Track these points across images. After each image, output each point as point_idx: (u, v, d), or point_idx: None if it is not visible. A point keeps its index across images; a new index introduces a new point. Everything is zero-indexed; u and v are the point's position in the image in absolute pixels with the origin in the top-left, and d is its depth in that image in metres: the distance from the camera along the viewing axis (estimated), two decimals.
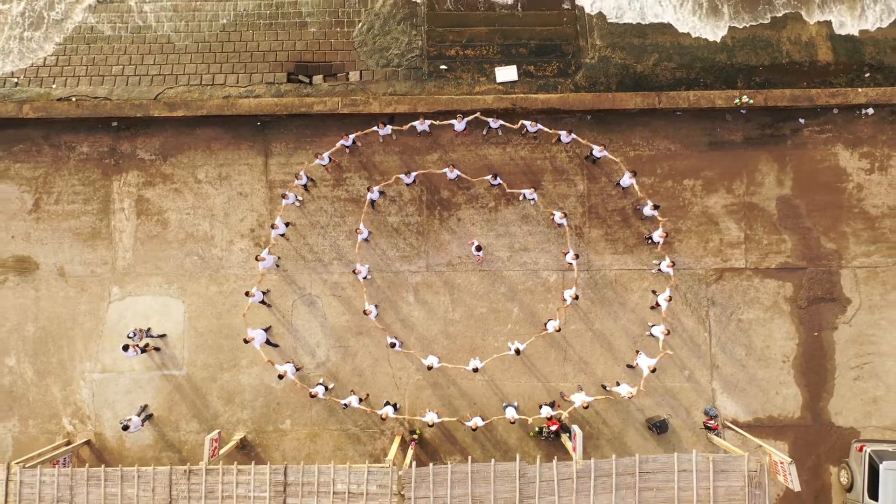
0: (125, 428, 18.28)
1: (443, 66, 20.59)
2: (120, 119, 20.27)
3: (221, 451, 17.91)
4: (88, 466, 17.23)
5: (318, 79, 20.60)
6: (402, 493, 16.28)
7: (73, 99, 20.47)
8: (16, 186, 20.39)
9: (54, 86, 20.68)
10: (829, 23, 20.53)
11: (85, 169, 20.39)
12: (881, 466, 17.96)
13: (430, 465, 16.40)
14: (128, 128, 20.41)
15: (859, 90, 19.78)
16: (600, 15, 20.76)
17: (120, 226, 20.22)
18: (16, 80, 20.76)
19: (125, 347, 18.54)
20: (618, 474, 16.25)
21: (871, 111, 20.04)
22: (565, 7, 20.77)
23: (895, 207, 19.93)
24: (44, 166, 20.40)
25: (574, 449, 17.07)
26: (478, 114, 19.06)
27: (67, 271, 20.15)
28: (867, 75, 20.22)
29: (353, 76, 20.61)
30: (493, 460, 16.30)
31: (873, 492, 18.06)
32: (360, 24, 20.95)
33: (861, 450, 18.64)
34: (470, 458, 16.65)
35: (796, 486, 15.71)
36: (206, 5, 21.10)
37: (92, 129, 20.41)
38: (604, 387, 19.09)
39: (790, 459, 15.86)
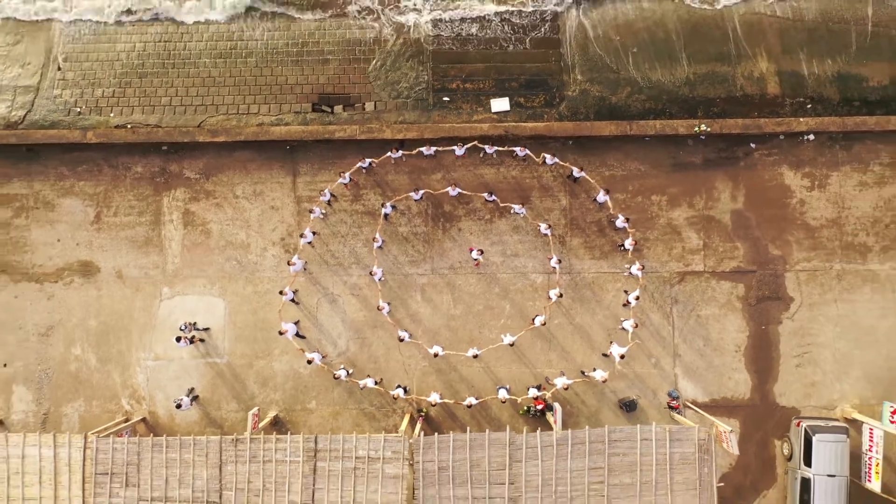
0: (178, 406, 21.76)
1: (445, 98, 24.00)
2: (169, 143, 23.67)
3: (260, 426, 21.34)
4: (152, 436, 20.66)
5: (338, 108, 24.02)
6: (412, 457, 19.69)
7: (129, 126, 23.92)
8: (80, 201, 23.82)
9: (112, 114, 24.12)
10: (772, 52, 23.87)
11: (139, 186, 23.81)
12: (814, 438, 21.37)
13: (436, 434, 19.83)
14: (176, 151, 23.82)
15: (801, 119, 23.20)
16: (582, 53, 24.12)
17: (169, 235, 23.65)
18: (78, 109, 24.18)
19: (178, 339, 21.95)
20: (590, 442, 19.65)
21: (811, 137, 23.43)
22: (551, 49, 24.17)
23: (832, 220, 23.33)
24: (104, 184, 23.82)
25: (555, 422, 20.50)
26: (475, 142, 22.48)
27: (124, 274, 23.58)
28: (808, 106, 23.61)
29: (369, 106, 24.02)
30: (487, 430, 19.72)
31: (808, 459, 21.48)
32: (375, 61, 24.35)
33: (799, 425, 22.07)
34: (468, 428, 20.07)
35: (735, 451, 19.16)
36: (241, 44, 24.48)
37: (145, 152, 23.83)
38: (582, 372, 22.49)
39: (730, 428, 19.32)
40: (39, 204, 23.84)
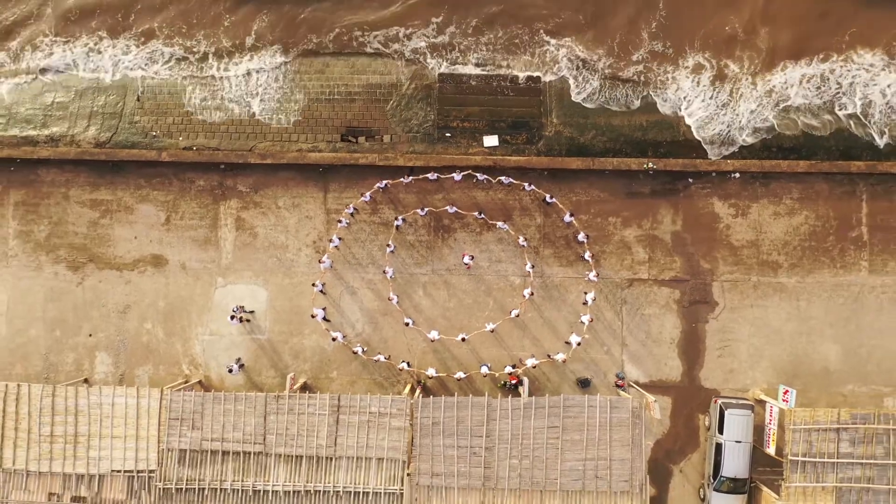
0: (230, 371, 27.87)
1: (447, 134, 30.04)
2: (226, 163, 29.69)
3: (294, 388, 27.40)
4: (213, 391, 26.70)
5: (362, 139, 30.06)
6: (413, 414, 25.68)
7: (194, 148, 29.97)
8: (154, 207, 29.84)
9: (180, 138, 30.16)
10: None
11: (201, 196, 29.84)
12: (726, 412, 27.34)
13: (431, 397, 25.87)
14: (231, 169, 29.83)
15: (729, 161, 29.25)
16: (558, 101, 30.12)
17: (224, 236, 29.68)
18: (154, 133, 30.22)
19: (231, 317, 28.01)
20: (549, 407, 25.66)
21: (737, 175, 29.45)
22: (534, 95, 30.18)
23: (751, 241, 29.33)
24: (173, 194, 29.85)
25: (522, 391, 26.56)
26: (470, 170, 28.55)
27: (187, 266, 29.62)
28: (736, 151, 29.62)
29: (386, 138, 30.07)
30: (470, 395, 25.75)
31: (721, 429, 27.43)
32: (392, 102, 30.36)
33: (715, 402, 28.08)
34: (456, 394, 26.06)
35: (657, 416, 25.23)
36: (286, 86, 30.43)
37: (206, 170, 29.85)
38: (548, 355, 28.43)
39: (654, 398, 25.40)
40: (121, 208, 29.86)
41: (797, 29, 29.81)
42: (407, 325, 28.01)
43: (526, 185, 28.54)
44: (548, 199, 28.60)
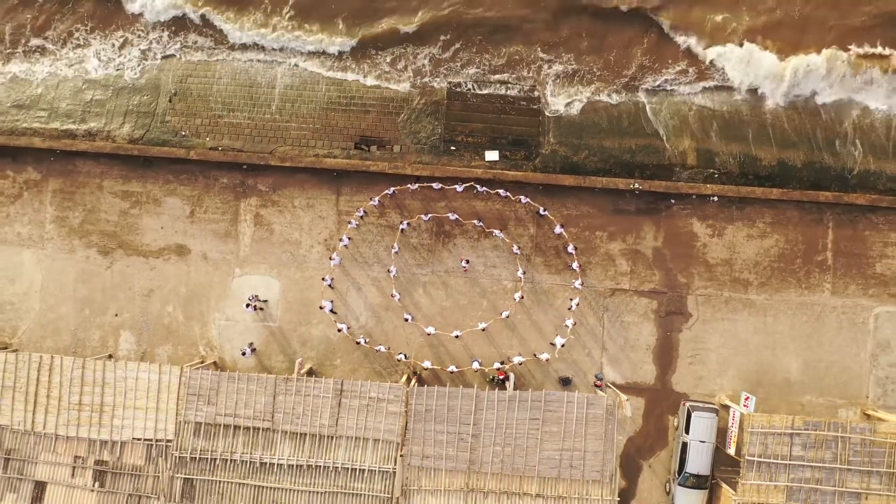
0: (243, 354, 30.59)
1: (452, 147, 32.73)
2: (248, 164, 32.38)
3: (301, 372, 30.09)
4: (228, 371, 29.39)
5: (373, 148, 32.75)
6: (408, 401, 28.37)
7: (220, 148, 32.66)
8: (179, 200, 32.54)
9: (207, 139, 32.86)
10: (695, 134, 32.53)
11: (223, 193, 32.54)
12: (693, 415, 30.03)
13: (425, 386, 28.56)
14: (253, 169, 32.52)
15: (708, 185, 31.94)
16: (555, 122, 32.81)
17: (243, 230, 32.38)
18: (183, 133, 32.92)
19: (246, 305, 30.71)
20: (532, 401, 28.35)
21: (715, 199, 32.13)
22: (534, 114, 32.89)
23: (725, 260, 32.01)
24: (198, 189, 32.54)
25: (509, 386, 29.27)
26: (471, 182, 31.25)
27: (208, 256, 32.31)
28: (716, 176, 32.32)
29: (396, 148, 32.76)
30: (461, 387, 28.44)
31: (687, 429, 30.12)
32: (403, 115, 33.05)
33: (684, 405, 30.78)
34: (448, 385, 28.72)
35: (629, 413, 27.96)
36: (305, 94, 33.14)
37: (230, 168, 32.54)
38: (534, 354, 31.11)
39: (627, 398, 28.11)
40: (150, 200, 32.56)
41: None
42: (406, 320, 30.71)
43: (522, 197, 31.22)
44: (541, 211, 31.29)
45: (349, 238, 31.76)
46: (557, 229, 31.28)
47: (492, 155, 32.56)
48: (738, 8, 32.77)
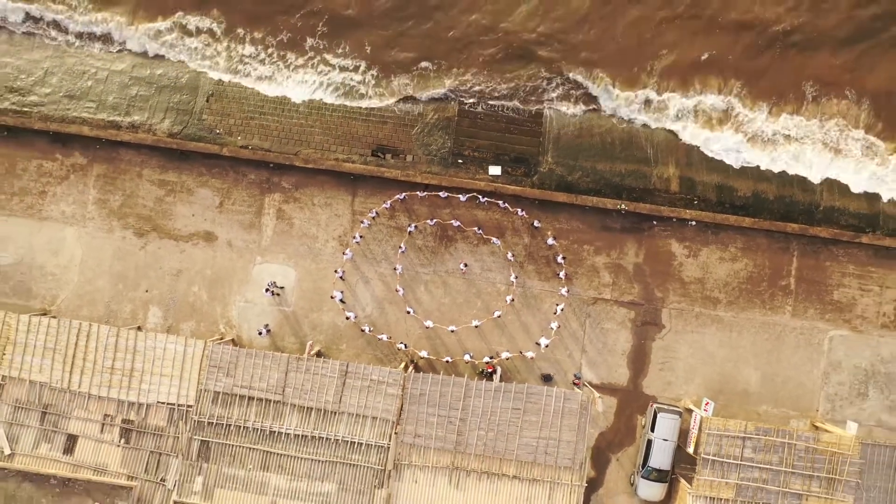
0: (259, 333, 34.08)
1: (460, 160, 36.18)
2: (274, 163, 35.83)
3: (311, 353, 33.55)
4: (245, 348, 32.87)
5: (388, 156, 36.19)
6: (405, 385, 31.81)
7: (249, 147, 36.13)
8: (210, 192, 36.00)
9: (239, 137, 36.32)
10: (679, 164, 35.98)
11: (250, 188, 36.00)
12: (659, 415, 33.48)
13: (421, 373, 32.03)
14: (278, 168, 35.98)
15: (687, 211, 35.39)
16: (554, 143, 36.24)
17: (266, 223, 35.83)
18: (218, 131, 36.37)
19: (266, 290, 34.18)
20: (515, 392, 31.82)
21: (693, 223, 35.58)
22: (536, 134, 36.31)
23: (698, 279, 35.45)
24: (228, 183, 35.99)
25: (495, 378, 32.76)
26: (474, 193, 34.72)
27: (233, 244, 35.77)
28: (695, 202, 35.77)
29: (409, 158, 36.20)
30: (453, 376, 31.92)
31: (653, 428, 33.57)
32: (417, 128, 36.50)
33: (651, 406, 34.23)
34: (441, 373, 32.17)
35: (601, 409, 31.44)
36: (329, 105, 36.58)
37: (258, 166, 35.99)
38: (521, 351, 34.55)
39: (600, 396, 31.61)
40: (183, 189, 36.01)
41: None
42: (408, 313, 34.20)
43: (519, 210, 34.68)
44: (535, 224, 34.76)
45: (361, 236, 35.19)
46: (549, 240, 34.74)
47: (495, 170, 35.99)
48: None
